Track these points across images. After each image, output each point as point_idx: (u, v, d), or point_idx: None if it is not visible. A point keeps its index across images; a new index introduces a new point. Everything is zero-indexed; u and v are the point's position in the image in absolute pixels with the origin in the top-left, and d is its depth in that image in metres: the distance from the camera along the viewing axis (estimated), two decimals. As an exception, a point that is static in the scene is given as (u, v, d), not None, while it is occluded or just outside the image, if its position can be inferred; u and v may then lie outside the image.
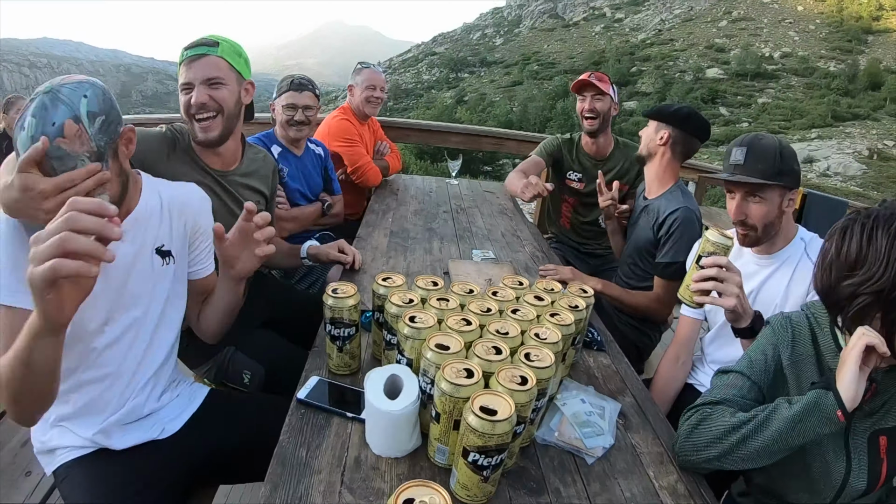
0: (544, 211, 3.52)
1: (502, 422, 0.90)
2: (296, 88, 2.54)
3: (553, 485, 1.11)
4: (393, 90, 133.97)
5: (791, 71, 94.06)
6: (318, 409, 1.23)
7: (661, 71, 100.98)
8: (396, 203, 2.99)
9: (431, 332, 1.13)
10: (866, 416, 1.22)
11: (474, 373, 1.00)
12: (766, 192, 1.63)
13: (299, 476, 1.05)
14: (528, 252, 2.44)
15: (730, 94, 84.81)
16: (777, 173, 1.62)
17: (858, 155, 49.28)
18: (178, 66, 1.70)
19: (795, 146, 52.43)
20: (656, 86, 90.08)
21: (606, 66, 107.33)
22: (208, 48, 1.65)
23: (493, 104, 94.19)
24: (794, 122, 66.80)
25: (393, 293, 1.28)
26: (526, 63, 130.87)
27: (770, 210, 1.65)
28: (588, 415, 1.29)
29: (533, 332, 1.18)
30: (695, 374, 1.94)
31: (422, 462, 1.12)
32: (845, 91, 79.37)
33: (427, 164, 15.26)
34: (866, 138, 56.40)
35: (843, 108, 68.90)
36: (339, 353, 1.33)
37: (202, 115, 1.66)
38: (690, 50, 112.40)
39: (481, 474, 0.96)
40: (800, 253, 1.71)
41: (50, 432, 1.34)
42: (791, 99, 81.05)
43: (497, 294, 1.36)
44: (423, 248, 2.34)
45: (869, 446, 1.22)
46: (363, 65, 3.28)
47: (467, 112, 69.31)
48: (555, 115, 72.08)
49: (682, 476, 1.19)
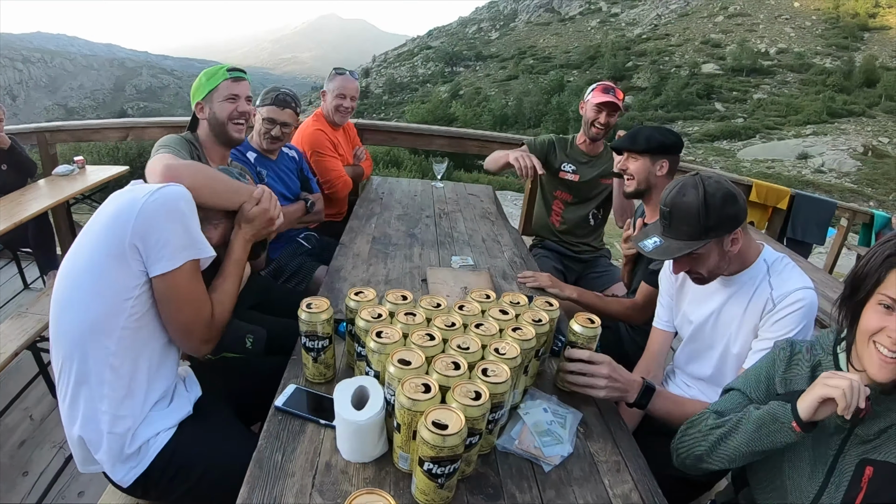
0: (531, 212, 3.59)
1: (453, 436, 0.98)
2: (279, 104, 2.64)
3: (510, 491, 1.18)
4: (388, 84, 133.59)
5: (787, 67, 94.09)
6: (294, 416, 1.31)
7: (657, 66, 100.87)
8: (381, 208, 3.06)
9: (395, 347, 1.20)
10: (862, 441, 1.23)
11: (432, 388, 1.08)
12: (700, 249, 1.60)
13: (275, 479, 1.13)
14: (507, 258, 2.51)
15: (725, 90, 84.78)
16: (704, 231, 1.58)
17: (853, 151, 49.36)
18: (211, 80, 2.12)
19: (790, 142, 52.34)
20: (652, 81, 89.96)
21: (602, 61, 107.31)
22: (245, 74, 2.18)
23: (489, 98, 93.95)
24: (789, 117, 66.85)
25: (363, 308, 1.36)
26: (522, 57, 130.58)
27: (710, 260, 1.64)
28: (549, 424, 1.37)
29: (493, 347, 1.25)
30: (666, 385, 1.97)
31: (387, 467, 1.19)
32: (841, 87, 79.38)
33: (421, 158, 15.24)
34: (861, 135, 56.51)
35: (838, 105, 68.90)
36: (315, 364, 1.41)
37: (240, 120, 2.15)
38: (686, 45, 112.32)
39: (436, 482, 1.04)
40: (760, 277, 1.68)
41: (143, 423, 1.44)
42: (786, 95, 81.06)
43: (463, 308, 1.43)
44: (404, 254, 2.41)
45: (854, 472, 1.22)
46: (338, 71, 3.29)
47: (462, 106, 69.16)
48: (550, 110, 71.95)
49: (638, 485, 1.24)
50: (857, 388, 1.09)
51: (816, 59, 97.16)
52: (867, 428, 1.22)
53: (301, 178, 2.92)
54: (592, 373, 1.45)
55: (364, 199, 3.20)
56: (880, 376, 1.14)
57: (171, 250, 1.33)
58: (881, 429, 1.20)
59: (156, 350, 1.45)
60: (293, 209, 2.74)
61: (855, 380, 1.10)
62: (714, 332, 1.78)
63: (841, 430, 1.24)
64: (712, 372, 1.81)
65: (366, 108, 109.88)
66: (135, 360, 1.39)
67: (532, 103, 79.03)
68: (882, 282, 1.14)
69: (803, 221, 5.20)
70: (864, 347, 1.18)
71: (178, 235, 1.34)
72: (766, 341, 1.59)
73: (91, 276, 1.34)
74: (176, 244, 1.34)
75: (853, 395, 1.09)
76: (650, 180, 2.31)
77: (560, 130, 55.32)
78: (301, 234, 2.89)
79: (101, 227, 1.35)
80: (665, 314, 1.98)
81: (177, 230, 1.34)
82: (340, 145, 3.31)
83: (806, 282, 1.61)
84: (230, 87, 2.11)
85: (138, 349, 1.40)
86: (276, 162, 2.79)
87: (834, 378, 1.12)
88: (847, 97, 74.12)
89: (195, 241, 1.39)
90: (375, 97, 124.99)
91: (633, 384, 1.50)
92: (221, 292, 1.55)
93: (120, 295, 1.33)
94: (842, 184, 41.77)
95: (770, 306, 1.62)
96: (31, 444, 2.48)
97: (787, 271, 1.66)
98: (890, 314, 1.13)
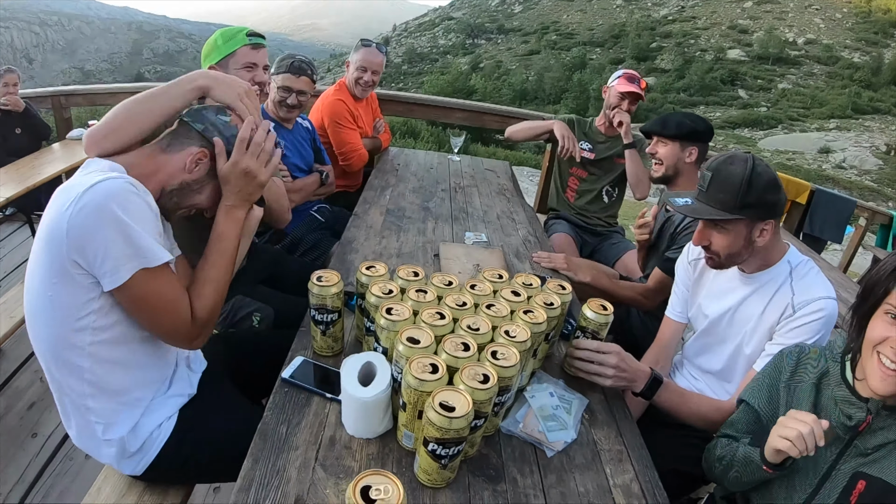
0: (548, 186, 3.61)
1: (459, 418, 0.97)
2: (294, 72, 2.57)
3: (511, 474, 1.18)
4: (408, 54, 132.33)
5: (814, 58, 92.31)
6: (301, 388, 1.31)
7: (682, 48, 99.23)
8: (396, 179, 3.04)
9: (405, 324, 1.19)
10: (860, 454, 1.22)
11: (440, 368, 1.07)
12: (729, 223, 1.56)
13: (279, 451, 1.13)
14: (522, 236, 2.49)
15: (750, 77, 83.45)
16: (739, 206, 1.53)
17: (876, 150, 48.61)
18: (228, 43, 1.98)
19: (812, 136, 51.70)
20: (676, 63, 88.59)
21: (626, 40, 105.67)
22: (264, 41, 2.04)
23: (509, 72, 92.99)
24: (812, 110, 65.82)
25: (374, 283, 1.35)
26: (544, 32, 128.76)
27: (734, 241, 1.58)
28: (554, 409, 1.36)
29: (503, 330, 1.24)
30: (673, 376, 1.97)
31: (391, 444, 1.19)
32: (868, 83, 77.80)
33: (438, 130, 15.15)
34: (885, 133, 55.57)
35: (864, 101, 67.61)
36: (323, 336, 1.41)
37: (257, 90, 1.90)
38: (713, 29, 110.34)
39: (440, 462, 1.03)
40: (782, 279, 1.63)
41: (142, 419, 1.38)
42: (812, 87, 79.67)
43: (475, 287, 1.42)
44: (418, 228, 2.39)
45: (847, 484, 1.22)
46: (364, 42, 3.25)
47: (482, 79, 68.37)
48: (571, 87, 71.11)
49: (639, 476, 1.24)
50: (810, 432, 1.10)
51: (845, 53, 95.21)
52: (866, 441, 1.21)
53: (314, 148, 2.89)
54: (601, 361, 1.44)
55: (379, 171, 3.18)
56: (881, 389, 1.13)
57: (112, 264, 1.16)
58: (879, 444, 1.20)
59: (139, 350, 1.34)
60: (310, 181, 2.72)
61: (808, 424, 1.11)
62: (729, 329, 1.75)
63: (840, 441, 1.24)
64: (721, 367, 1.79)
65: (384, 78, 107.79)
66: (116, 370, 1.30)
67: (553, 79, 78.18)
68: (891, 292, 1.14)
69: (822, 218, 5.14)
70: (868, 358, 1.17)
71: (117, 245, 1.15)
72: (778, 346, 1.56)
73: (42, 301, 1.21)
74: (117, 255, 1.15)
75: (807, 440, 1.10)
76: (678, 166, 2.30)
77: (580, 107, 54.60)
78: (314, 207, 2.87)
79: (40, 249, 1.19)
80: (679, 304, 1.95)
81: (114, 239, 1.14)
82: (360, 117, 3.28)
83: (829, 291, 1.57)
84: (248, 55, 1.97)
85: (117, 359, 1.30)
86: (293, 132, 2.75)
87: (790, 422, 1.14)
88: (873, 94, 72.72)
89: (139, 248, 1.17)
90: (395, 67, 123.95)
91: (640, 374, 1.49)
92: (204, 283, 1.35)
93: (74, 314, 1.20)
94: (862, 181, 41.21)
95: (790, 311, 1.58)
96: (41, 407, 2.50)
97: (811, 277, 1.61)
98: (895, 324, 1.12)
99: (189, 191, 1.35)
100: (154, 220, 1.23)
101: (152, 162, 1.31)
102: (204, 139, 1.34)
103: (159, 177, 1.31)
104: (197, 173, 1.34)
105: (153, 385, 1.40)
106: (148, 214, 1.21)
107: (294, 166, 2.69)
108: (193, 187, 1.35)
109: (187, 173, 1.32)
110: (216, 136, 1.34)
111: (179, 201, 1.36)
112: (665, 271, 2.22)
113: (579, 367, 1.47)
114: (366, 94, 3.29)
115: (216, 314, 1.37)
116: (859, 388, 1.23)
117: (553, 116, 3.41)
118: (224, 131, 1.36)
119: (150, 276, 1.20)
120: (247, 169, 1.35)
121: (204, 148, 1.33)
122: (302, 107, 2.68)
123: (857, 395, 1.22)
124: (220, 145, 1.34)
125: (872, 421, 1.19)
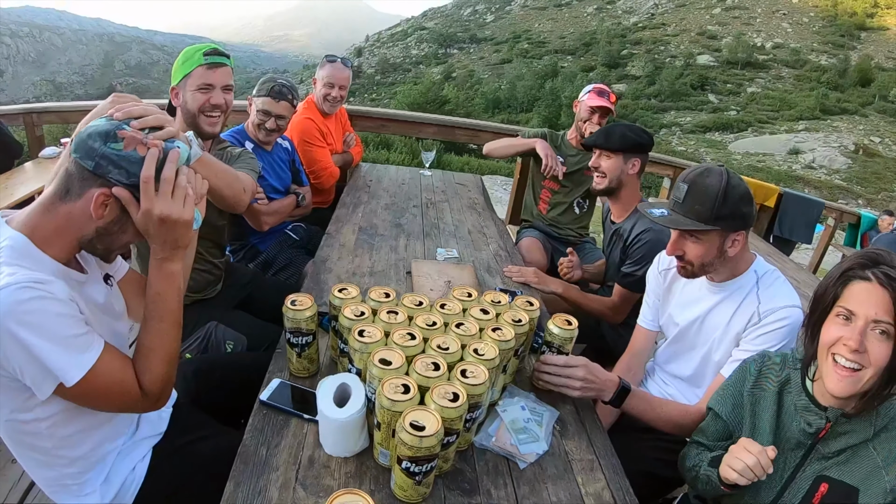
0: (521, 198, 3.68)
1: (430, 437, 1.01)
2: (274, 96, 2.59)
3: (485, 487, 1.22)
4: (381, 64, 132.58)
5: (782, 62, 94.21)
6: (279, 410, 1.34)
7: (652, 55, 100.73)
8: (368, 196, 3.07)
9: (377, 346, 1.23)
10: (823, 457, 1.27)
11: (411, 388, 1.11)
12: (703, 233, 1.61)
13: (259, 473, 1.16)
14: (493, 250, 2.54)
15: (719, 82, 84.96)
16: (714, 217, 1.58)
17: (844, 149, 49.69)
18: (186, 63, 1.93)
19: (782, 137, 52.60)
20: (646, 69, 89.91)
21: (597, 48, 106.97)
22: (224, 59, 1.96)
23: (482, 81, 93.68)
24: (782, 112, 67.23)
25: (346, 305, 1.39)
26: (516, 41, 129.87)
27: (707, 251, 1.63)
28: (526, 422, 1.40)
29: (472, 348, 1.28)
30: (645, 384, 2.02)
31: (368, 462, 1.23)
32: (835, 85, 79.61)
33: (412, 140, 15.21)
34: (853, 133, 56.89)
35: (831, 102, 69.23)
36: (299, 358, 1.44)
37: (214, 113, 1.97)
38: (682, 35, 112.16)
39: (414, 479, 1.08)
40: (749, 287, 1.69)
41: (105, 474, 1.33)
42: (780, 90, 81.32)
43: (445, 307, 1.46)
44: (390, 245, 2.43)
45: (809, 488, 1.27)
46: (329, 58, 3.27)
47: (455, 89, 68.69)
48: (543, 95, 71.75)
49: (610, 484, 1.29)
50: (755, 463, 1.18)
51: (812, 56, 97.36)
52: (827, 446, 1.27)
53: (293, 170, 2.91)
54: (568, 375, 1.49)
55: (351, 187, 3.21)
56: (837, 391, 1.18)
57: (31, 380, 1.05)
58: (840, 448, 1.25)
59: (100, 414, 1.24)
60: (286, 203, 2.74)
61: (754, 455, 1.19)
62: (698, 336, 1.81)
63: (802, 446, 1.30)
64: (691, 373, 1.85)
65: (357, 88, 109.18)
66: (80, 438, 1.24)
67: (525, 88, 78.85)
68: (840, 296, 1.20)
69: (791, 219, 5.26)
70: (824, 362, 1.23)
71: (28, 365, 1.03)
72: (745, 352, 1.63)
73: None
74: (32, 373, 1.04)
75: (754, 470, 1.19)
76: (621, 178, 2.34)
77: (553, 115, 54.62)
78: (288, 226, 2.90)
79: None
80: (650, 313, 2.01)
81: (23, 359, 1.02)
82: (330, 133, 3.31)
83: (794, 300, 1.64)
84: (204, 75, 1.92)
85: (78, 429, 1.22)
86: (272, 153, 2.77)
87: (739, 452, 1.22)
88: (841, 95, 74.48)
89: (49, 369, 1.04)
90: (367, 77, 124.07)
91: (608, 384, 1.54)
92: (148, 354, 1.20)
93: (19, 409, 1.12)
94: (832, 181, 42.10)
95: (756, 319, 1.64)
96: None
97: (777, 286, 1.68)
98: (847, 324, 1.18)
99: (110, 235, 1.18)
100: (68, 316, 1.07)
101: (55, 217, 1.12)
102: (100, 178, 1.11)
103: (70, 231, 1.14)
104: (109, 216, 1.14)
105: (120, 436, 1.36)
106: (56, 317, 1.05)
107: (270, 187, 2.71)
108: (113, 230, 1.17)
109: (97, 220, 1.14)
110: (112, 173, 1.11)
111: (107, 247, 1.21)
112: (625, 286, 2.29)
113: (548, 381, 1.51)
114: (334, 110, 3.31)
115: (170, 382, 1.25)
116: (818, 396, 1.29)
117: (524, 129, 3.47)
118: (120, 163, 1.11)
119: (79, 383, 1.08)
120: (162, 215, 1.13)
121: (105, 187, 1.11)
122: (281, 131, 2.71)
123: (817, 403, 1.28)
124: (122, 193, 1.12)
125: (832, 427, 1.25)
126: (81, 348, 1.08)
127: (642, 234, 2.25)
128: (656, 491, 1.79)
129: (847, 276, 1.20)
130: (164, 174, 1.13)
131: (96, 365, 1.09)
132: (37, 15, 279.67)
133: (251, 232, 2.68)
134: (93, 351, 1.10)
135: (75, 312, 1.09)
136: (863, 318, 1.15)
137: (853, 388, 1.17)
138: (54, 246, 1.13)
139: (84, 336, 1.09)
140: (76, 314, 1.09)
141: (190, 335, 1.98)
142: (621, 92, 78.64)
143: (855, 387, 1.17)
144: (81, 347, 1.08)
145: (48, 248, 1.12)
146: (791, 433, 1.31)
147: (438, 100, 54.92)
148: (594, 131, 3.07)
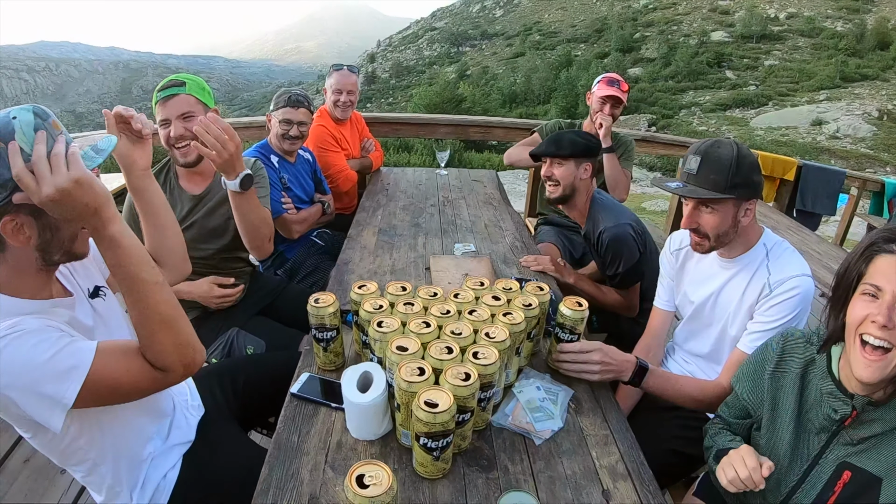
0: (538, 189, 3.73)
1: (442, 413, 1.10)
2: (292, 104, 2.72)
3: (502, 462, 1.30)
4: (395, 68, 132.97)
5: (797, 32, 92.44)
6: (308, 401, 1.45)
7: (665, 36, 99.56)
8: (386, 199, 3.17)
9: (394, 335, 1.33)
10: (846, 444, 1.25)
11: (426, 371, 1.20)
12: (719, 203, 1.63)
13: (291, 457, 1.27)
14: (509, 242, 2.62)
15: (736, 58, 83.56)
16: (730, 186, 1.60)
17: (868, 116, 48.50)
18: (153, 105, 2.04)
19: (804, 108, 51.47)
20: (660, 51, 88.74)
21: (609, 33, 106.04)
22: (178, 88, 1.97)
23: (496, 77, 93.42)
24: (801, 83, 65.86)
25: (365, 300, 1.49)
26: (527, 34, 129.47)
27: (723, 221, 1.66)
28: (541, 401, 1.48)
29: (484, 332, 1.36)
30: (665, 363, 2.06)
31: (392, 443, 1.33)
32: (853, 51, 77.74)
33: (432, 141, 15.36)
34: (876, 99, 55.51)
35: (851, 69, 67.64)
36: (325, 353, 1.54)
37: (181, 144, 2.02)
38: (694, 13, 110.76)
39: (432, 454, 1.17)
40: (759, 260, 1.71)
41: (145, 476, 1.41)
42: (798, 60, 79.74)
43: (458, 296, 1.55)
44: (409, 244, 2.52)
45: (832, 474, 1.25)
46: (335, 67, 3.39)
47: (470, 87, 68.67)
48: (559, 86, 71.14)
49: (624, 457, 1.34)
50: (747, 477, 1.22)
51: (827, 23, 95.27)
52: (852, 433, 1.25)
53: (315, 179, 3.03)
54: (585, 360, 1.56)
55: (370, 192, 3.31)
56: (866, 376, 1.15)
57: (40, 417, 1.06)
58: (865, 436, 1.23)
59: (128, 424, 1.33)
60: (313, 212, 2.88)
61: (747, 470, 1.22)
62: (713, 313, 1.85)
63: (826, 430, 1.29)
64: (709, 350, 1.89)
65: (373, 94, 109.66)
66: (107, 454, 1.31)
67: (540, 79, 78.31)
68: (864, 273, 1.18)
69: (813, 192, 5.18)
70: (852, 346, 1.18)
71: (28, 404, 1.04)
72: (759, 324, 1.66)
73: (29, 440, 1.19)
74: (38, 411, 1.05)
75: (746, 483, 1.22)
76: (575, 184, 2.33)
77: (570, 105, 53.74)
78: (314, 233, 3.02)
79: None
80: (666, 294, 2.05)
81: (21, 402, 1.04)
82: (344, 139, 3.41)
83: (804, 269, 1.66)
84: (160, 111, 1.99)
85: (108, 446, 1.30)
86: (295, 165, 2.90)
87: (735, 461, 1.26)
88: (860, 61, 72.70)
89: (47, 400, 1.04)
90: (382, 82, 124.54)
91: (626, 364, 1.60)
92: (140, 329, 1.15)
93: (58, 441, 1.20)
94: (858, 150, 41.15)
95: (767, 291, 1.66)
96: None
97: (786, 257, 1.70)
98: (874, 301, 1.14)
99: (51, 246, 1.15)
100: (45, 339, 1.06)
101: (2, 266, 1.13)
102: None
103: (21, 266, 1.14)
104: (33, 235, 1.11)
105: (149, 446, 1.42)
106: (33, 348, 1.03)
107: (297, 198, 2.84)
108: (49, 237, 1.14)
109: (26, 243, 1.11)
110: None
111: (64, 250, 1.18)
112: (618, 286, 2.36)
113: (568, 370, 1.58)
114: (346, 115, 3.40)
115: (182, 346, 1.18)
116: (844, 381, 1.25)
117: (542, 126, 3.48)
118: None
119: (81, 394, 1.06)
120: (53, 195, 1.01)
121: (6, 215, 1.07)
122: (304, 137, 2.82)
123: (843, 389, 1.25)
124: (19, 198, 1.06)
125: (858, 415, 1.22)
126: (69, 362, 1.06)
127: (601, 235, 2.26)
128: (683, 469, 1.83)
129: (871, 251, 1.17)
130: (34, 157, 1.01)
131: (93, 366, 1.07)
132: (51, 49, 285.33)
133: (280, 240, 2.79)
134: (82, 355, 1.07)
135: (52, 331, 1.08)
136: (890, 293, 1.12)
137: (881, 374, 1.13)
138: (24, 289, 1.15)
139: (67, 347, 1.07)
140: (54, 332, 1.08)
141: (213, 342, 2.09)
142: (637, 76, 77.87)
143: (883, 372, 1.13)
144: (69, 361, 1.06)
145: (23, 293, 1.14)
146: (815, 417, 1.29)
147: (455, 99, 54.93)
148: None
